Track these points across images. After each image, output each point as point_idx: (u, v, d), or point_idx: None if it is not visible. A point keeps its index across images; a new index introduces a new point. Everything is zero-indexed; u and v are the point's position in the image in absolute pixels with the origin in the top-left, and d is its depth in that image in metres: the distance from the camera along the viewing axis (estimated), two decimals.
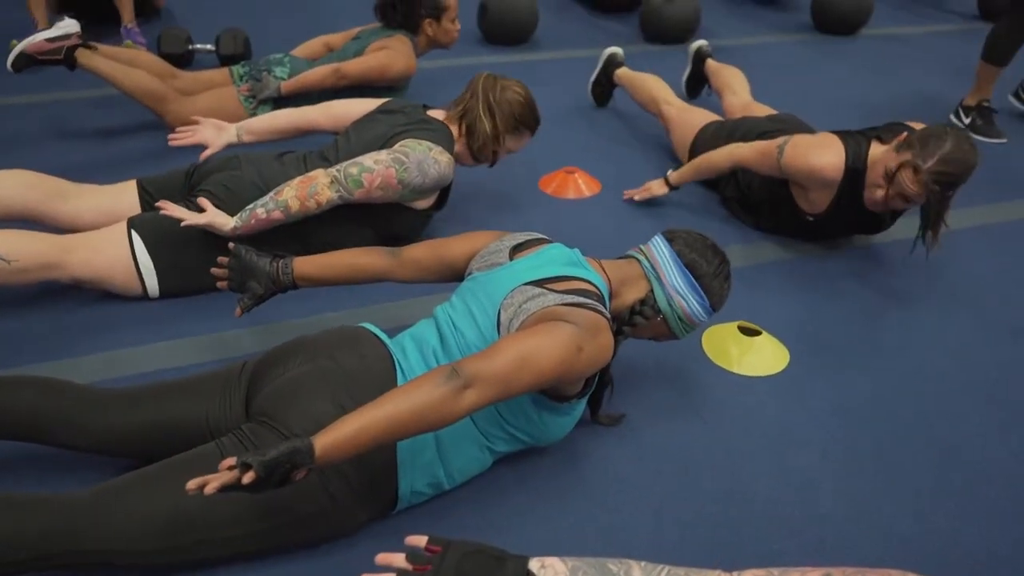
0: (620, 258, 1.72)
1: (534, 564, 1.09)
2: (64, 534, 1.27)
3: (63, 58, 2.79)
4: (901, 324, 2.26)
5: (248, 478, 1.12)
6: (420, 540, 1.13)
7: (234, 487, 1.13)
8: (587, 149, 3.17)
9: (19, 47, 2.75)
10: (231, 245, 1.78)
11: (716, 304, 1.68)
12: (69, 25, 2.81)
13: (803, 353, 2.11)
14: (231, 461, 1.15)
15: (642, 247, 1.71)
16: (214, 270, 1.80)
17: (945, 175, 2.06)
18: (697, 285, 1.64)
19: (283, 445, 1.14)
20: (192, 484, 1.13)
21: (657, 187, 2.71)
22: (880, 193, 2.18)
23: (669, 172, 2.69)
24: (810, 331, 2.20)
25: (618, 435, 1.81)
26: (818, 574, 0.99)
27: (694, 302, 1.64)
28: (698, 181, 2.90)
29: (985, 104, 3.46)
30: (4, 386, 1.48)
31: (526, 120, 2.28)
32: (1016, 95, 3.71)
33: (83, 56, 2.80)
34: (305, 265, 1.74)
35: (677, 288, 1.63)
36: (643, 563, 1.07)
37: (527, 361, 1.31)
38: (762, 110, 2.90)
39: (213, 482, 1.12)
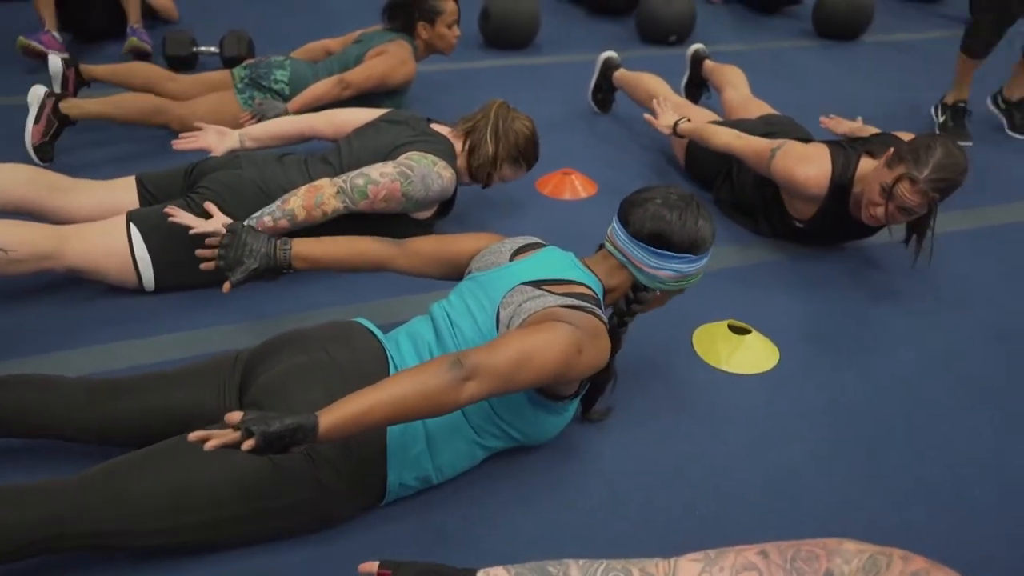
0: (597, 251, 1.70)
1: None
2: (52, 521, 1.29)
3: (58, 123, 2.74)
4: (890, 324, 2.27)
5: (247, 446, 1.15)
6: (372, 566, 1.17)
7: (234, 447, 1.17)
8: (584, 151, 3.20)
9: (27, 144, 2.70)
10: (226, 223, 1.78)
11: (700, 250, 1.59)
12: (37, 95, 2.73)
13: (793, 352, 2.13)
14: (237, 416, 1.18)
15: (608, 234, 1.67)
16: (200, 252, 1.79)
17: (942, 181, 2.09)
18: (671, 254, 1.58)
19: (288, 419, 1.17)
20: (194, 436, 1.16)
21: (664, 121, 2.74)
22: (879, 210, 2.19)
23: (684, 122, 2.72)
24: (800, 330, 2.22)
25: (608, 431, 1.83)
26: (753, 552, 1.01)
27: (678, 266, 1.59)
28: (692, 180, 2.98)
29: (961, 105, 3.45)
30: None
31: (527, 154, 2.38)
32: (994, 100, 3.65)
33: (68, 107, 2.76)
34: (304, 245, 1.74)
35: (654, 265, 1.59)
36: (581, 561, 1.12)
37: (529, 358, 1.33)
38: (760, 106, 2.93)
39: (215, 439, 1.16)
